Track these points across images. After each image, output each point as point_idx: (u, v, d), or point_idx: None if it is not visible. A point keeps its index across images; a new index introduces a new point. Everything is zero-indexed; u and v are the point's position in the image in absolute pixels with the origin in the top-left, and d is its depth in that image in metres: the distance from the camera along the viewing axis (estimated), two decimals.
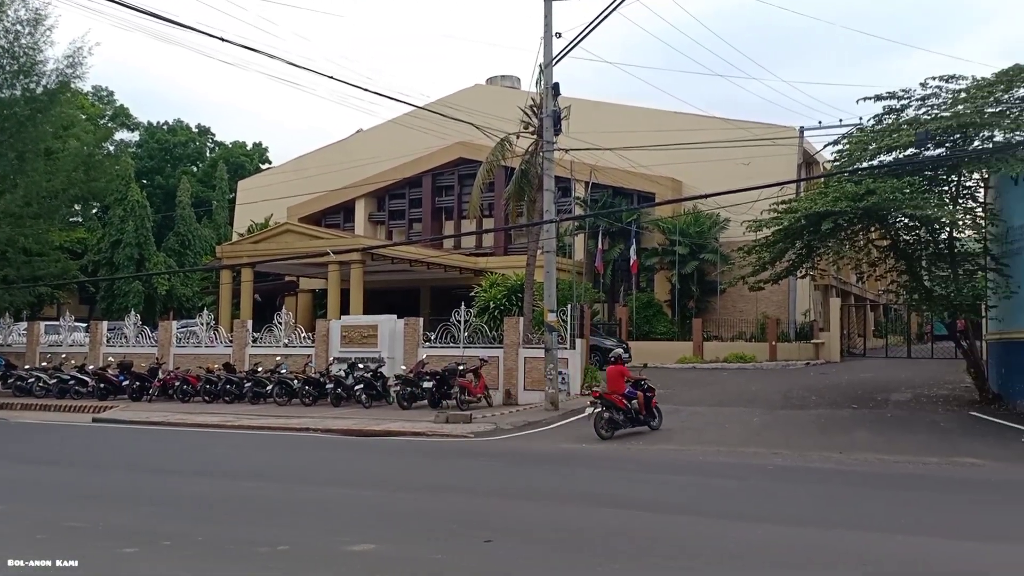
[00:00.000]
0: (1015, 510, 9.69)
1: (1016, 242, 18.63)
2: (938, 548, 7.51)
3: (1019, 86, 18.45)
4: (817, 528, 8.32)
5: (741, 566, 6.91)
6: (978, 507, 9.83)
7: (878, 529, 8.28)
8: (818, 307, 37.67)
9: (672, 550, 7.41)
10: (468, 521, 8.61)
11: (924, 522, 8.79)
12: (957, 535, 8.06)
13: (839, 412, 18.93)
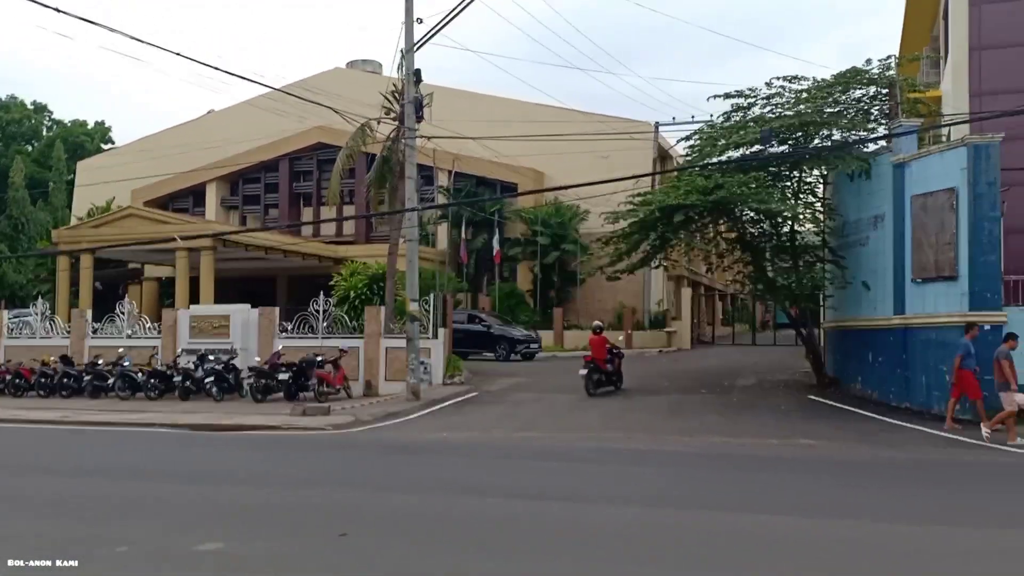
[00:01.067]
0: (845, 487, 10.31)
1: (851, 235, 19.88)
2: (781, 525, 7.88)
3: (855, 88, 19.70)
4: (670, 508, 8.59)
5: (599, 547, 7.02)
6: (813, 485, 10.41)
7: (729, 508, 8.63)
8: (671, 297, 39.10)
9: (533, 535, 7.45)
10: (323, 515, 8.37)
11: (767, 501, 9.22)
12: (797, 512, 8.50)
13: (690, 397, 19.68)
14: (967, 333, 14.98)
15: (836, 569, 6.42)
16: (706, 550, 6.93)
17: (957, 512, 8.63)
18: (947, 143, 17.65)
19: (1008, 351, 14.01)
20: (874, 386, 18.76)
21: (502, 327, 30.54)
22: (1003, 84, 22.15)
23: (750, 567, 6.44)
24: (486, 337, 30.10)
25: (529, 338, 30.55)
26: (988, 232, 15.71)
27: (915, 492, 9.88)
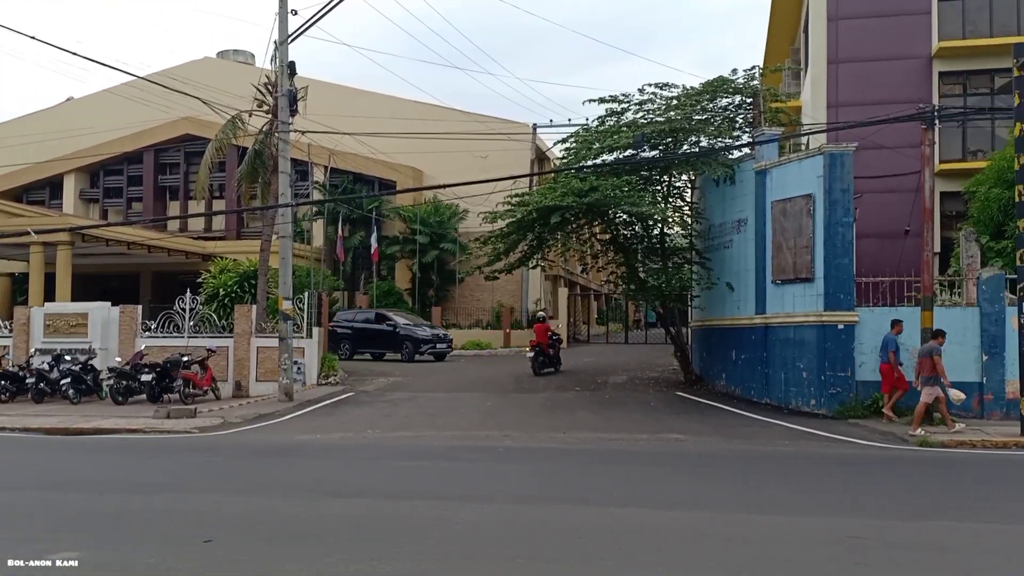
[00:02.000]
0: (705, 480, 10.74)
1: (717, 238, 20.70)
2: (641, 517, 8.12)
3: (722, 97, 20.51)
4: (541, 504, 8.70)
5: (466, 545, 7.05)
6: (677, 478, 10.79)
7: (594, 503, 8.83)
8: (548, 296, 39.69)
9: (399, 535, 7.40)
10: (187, 521, 8.06)
11: (635, 494, 9.49)
12: (662, 505, 8.79)
13: (564, 395, 20.03)
14: (893, 329, 15.65)
15: (688, 558, 6.66)
16: (567, 544, 7.06)
17: (801, 501, 9.10)
18: (805, 151, 18.62)
19: (938, 347, 14.67)
20: (737, 383, 19.60)
21: (409, 326, 29.55)
22: (857, 96, 23.64)
23: (603, 559, 6.60)
24: (391, 337, 29.20)
25: (437, 337, 29.57)
26: (842, 236, 16.66)
27: (765, 483, 10.37)
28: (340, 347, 29.50)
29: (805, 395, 17.03)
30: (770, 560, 6.61)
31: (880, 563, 6.49)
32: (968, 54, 23.23)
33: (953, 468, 11.46)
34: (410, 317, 31.17)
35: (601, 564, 6.51)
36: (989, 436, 13.62)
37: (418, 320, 31.18)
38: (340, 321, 30.28)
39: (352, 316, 30.55)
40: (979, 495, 9.66)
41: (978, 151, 23.75)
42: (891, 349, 15.53)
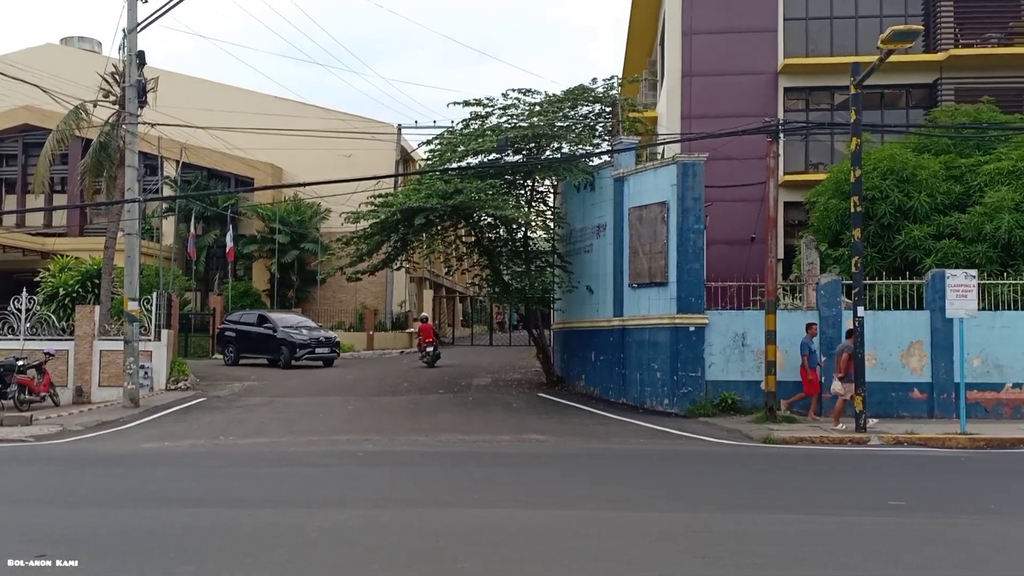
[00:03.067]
0: (568, 479, 10.93)
1: (578, 243, 21.15)
2: (505, 518, 8.17)
3: (583, 105, 20.99)
4: (400, 508, 8.59)
5: (320, 553, 6.88)
6: (540, 478, 10.92)
7: (455, 505, 8.81)
8: (413, 298, 39.44)
9: (250, 544, 7.14)
10: (17, 534, 7.49)
11: (495, 494, 9.53)
12: (522, 504, 8.86)
13: (428, 397, 19.94)
14: (808, 331, 16.14)
15: (544, 554, 6.75)
16: (425, 548, 7.01)
17: (654, 497, 9.41)
18: (660, 161, 19.29)
19: (851, 345, 15.17)
20: (596, 383, 20.08)
21: (289, 330, 27.33)
22: (710, 108, 24.69)
23: (460, 561, 6.60)
24: (269, 340, 27.30)
25: (316, 341, 27.38)
26: (693, 243, 17.36)
27: (621, 481, 10.65)
28: (226, 352, 28.20)
29: (659, 395, 17.63)
30: (622, 555, 6.78)
31: (725, 555, 6.78)
32: (811, 71, 24.70)
33: (794, 463, 12.12)
34: (298, 319, 29.13)
35: (458, 566, 6.50)
36: (827, 432, 14.50)
37: (306, 322, 29.03)
38: (227, 323, 28.91)
39: (239, 318, 28.91)
40: (817, 488, 10.25)
41: (819, 164, 25.27)
42: (804, 352, 16.02)
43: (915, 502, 9.13)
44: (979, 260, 17.06)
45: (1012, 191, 17.28)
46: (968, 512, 8.59)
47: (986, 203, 17.36)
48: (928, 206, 17.92)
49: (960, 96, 23.37)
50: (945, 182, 18.29)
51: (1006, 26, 24.63)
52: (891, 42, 13.74)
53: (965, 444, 13.64)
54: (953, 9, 24.48)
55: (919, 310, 16.70)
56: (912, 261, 17.74)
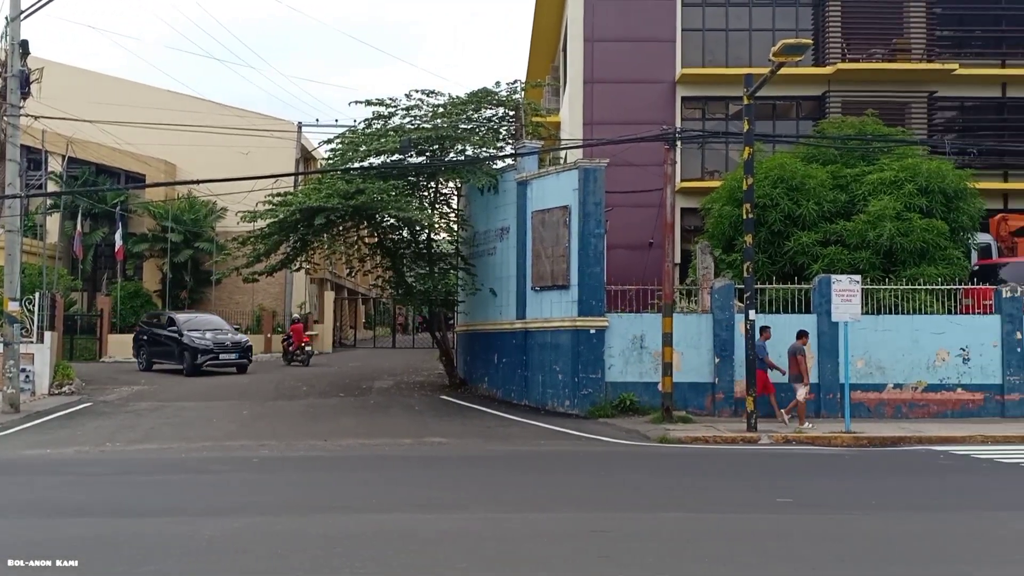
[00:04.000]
0: (468, 481, 10.92)
1: (481, 245, 21.18)
2: (404, 522, 8.09)
3: (486, 108, 21.03)
4: (294, 515, 8.40)
5: (210, 562, 6.66)
6: (440, 481, 10.87)
7: (353, 510, 8.68)
8: (314, 299, 38.74)
9: (138, 553, 6.85)
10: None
11: (395, 499, 9.43)
12: (421, 508, 8.80)
13: (327, 401, 19.61)
14: (761, 335, 16.21)
15: (442, 558, 6.72)
16: (319, 555, 6.87)
17: (552, 498, 9.50)
18: (563, 165, 19.51)
19: (801, 347, 15.81)
20: (499, 385, 20.15)
21: (193, 334, 25.25)
22: (611, 115, 25.12)
23: (356, 568, 6.51)
24: (174, 345, 25.34)
25: (221, 346, 25.09)
26: (594, 247, 17.63)
27: (520, 482, 10.71)
28: (140, 356, 26.84)
29: (560, 396, 17.82)
30: (525, 557, 6.82)
31: (620, 554, 6.89)
32: (707, 81, 25.43)
33: (690, 462, 12.44)
34: (211, 321, 27.03)
35: (354, 572, 6.39)
36: (720, 432, 14.94)
37: (219, 325, 26.87)
38: (142, 325, 27.48)
39: (154, 319, 27.39)
40: (711, 487, 10.55)
41: (715, 171, 26.04)
42: (761, 355, 16.17)
43: (802, 499, 9.50)
44: (863, 266, 17.87)
45: (893, 200, 18.18)
46: (851, 508, 8.98)
47: (869, 212, 18.22)
48: (816, 214, 18.68)
49: (847, 108, 24.47)
50: (832, 191, 19.11)
51: (890, 43, 25.92)
52: (782, 55, 14.28)
53: (849, 442, 14.29)
54: (841, 25, 25.61)
55: (807, 313, 17.40)
56: (801, 266, 18.46)
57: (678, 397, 16.67)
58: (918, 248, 17.86)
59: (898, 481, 11.03)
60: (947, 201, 18.63)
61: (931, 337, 17.11)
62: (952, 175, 18.87)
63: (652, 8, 25.64)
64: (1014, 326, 17.17)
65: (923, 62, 25.26)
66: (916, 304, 17.40)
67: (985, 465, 12.08)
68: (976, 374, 17.17)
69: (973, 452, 13.30)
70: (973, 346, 17.16)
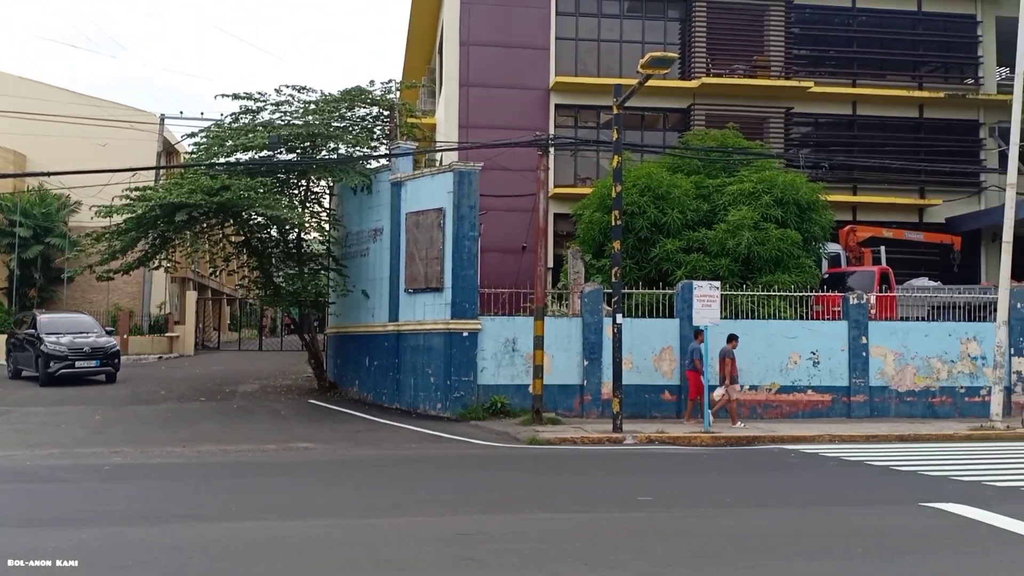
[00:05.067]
0: (335, 486, 10.71)
1: (354, 246, 20.85)
2: (263, 530, 7.84)
3: (360, 106, 20.74)
4: (147, 524, 7.99)
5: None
6: (305, 487, 10.61)
7: (209, 518, 8.33)
8: (174, 300, 37.15)
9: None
10: None
11: (255, 506, 9.13)
12: (283, 516, 8.54)
13: (187, 405, 18.83)
14: (696, 338, 16.66)
15: (303, 565, 6.56)
16: (172, 566, 6.58)
17: (419, 502, 9.45)
18: (438, 167, 19.48)
19: (731, 350, 16.30)
20: (370, 388, 19.88)
21: (53, 337, 22.27)
22: (486, 119, 25.29)
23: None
24: (32, 350, 22.60)
25: (79, 352, 22.20)
26: (468, 249, 17.66)
27: (388, 486, 10.59)
28: (9, 362, 24.37)
29: (432, 399, 17.75)
30: (390, 561, 6.73)
31: (484, 556, 6.91)
32: (579, 90, 25.97)
33: (557, 463, 12.62)
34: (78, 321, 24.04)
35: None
36: (587, 433, 15.23)
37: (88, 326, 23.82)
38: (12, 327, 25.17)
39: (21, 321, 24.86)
40: (576, 486, 10.74)
41: (587, 178, 26.61)
42: (696, 357, 16.46)
43: (662, 497, 9.80)
44: (723, 273, 18.65)
45: (751, 211, 19.06)
46: (707, 505, 9.34)
47: (729, 221, 19.03)
48: (680, 222, 19.36)
49: (710, 121, 25.51)
50: (695, 200, 19.86)
51: (751, 59, 27.22)
52: (649, 67, 14.74)
53: (708, 442, 14.86)
54: (706, 41, 26.71)
55: (670, 318, 18.00)
56: (665, 272, 19.09)
57: (548, 399, 16.90)
58: (773, 256, 18.78)
59: (752, 479, 11.54)
60: (801, 212, 19.68)
61: (784, 341, 18.02)
62: (806, 188, 19.97)
63: (527, 15, 25.98)
64: (860, 331, 18.30)
65: (781, 79, 26.65)
66: (771, 310, 18.30)
67: (832, 463, 12.80)
68: (825, 377, 18.20)
69: (821, 451, 14.08)
70: (823, 350, 18.19)
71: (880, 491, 10.51)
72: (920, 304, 20.48)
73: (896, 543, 7.50)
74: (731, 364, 16.34)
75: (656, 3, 26.99)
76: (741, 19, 26.85)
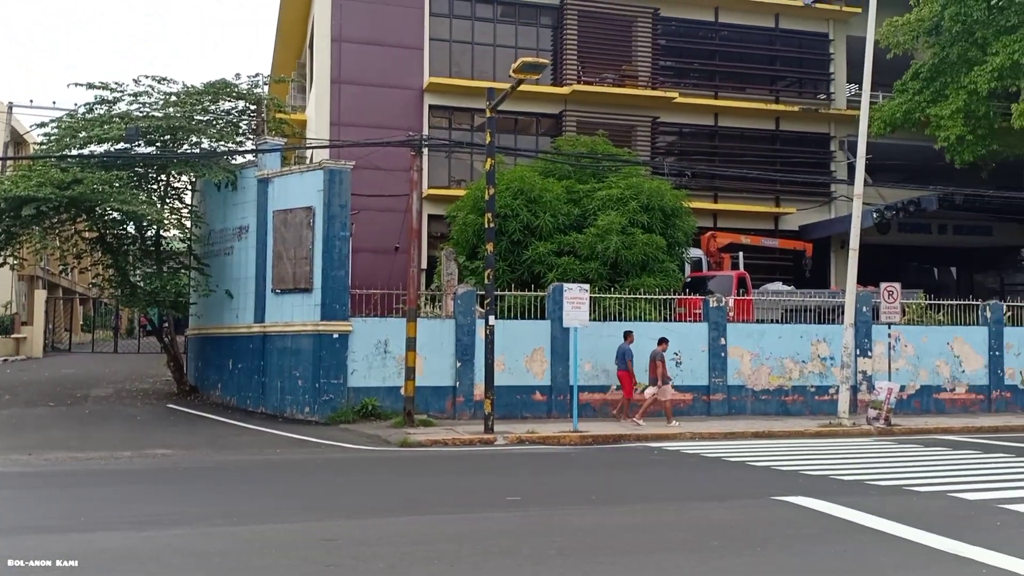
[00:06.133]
0: (196, 494, 10.29)
1: (217, 244, 20.12)
2: (116, 541, 7.45)
3: (225, 100, 20.04)
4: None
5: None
6: (163, 495, 10.14)
7: (56, 530, 7.83)
8: (21, 299, 34.84)
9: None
10: None
11: (107, 516, 8.65)
12: (138, 525, 8.13)
13: (34, 411, 17.70)
14: (626, 339, 17.36)
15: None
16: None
17: (284, 508, 9.21)
18: (308, 165, 19.07)
19: (661, 352, 17.10)
20: (234, 392, 19.23)
21: None
22: (359, 117, 24.95)
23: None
24: None
25: None
26: (339, 249, 17.36)
27: (252, 493, 10.29)
28: None
29: (300, 403, 17.35)
30: (243, 570, 6.52)
31: (349, 561, 6.80)
32: (454, 92, 25.98)
33: (428, 465, 12.56)
34: None
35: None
36: (459, 434, 15.24)
37: None
38: None
39: None
40: (446, 488, 10.72)
41: (461, 180, 26.65)
42: (628, 358, 17.19)
43: (530, 497, 9.92)
44: (592, 276, 19.07)
45: (619, 216, 19.58)
46: (573, 503, 9.51)
47: (598, 225, 19.49)
48: (551, 225, 19.68)
49: (581, 128, 26.04)
50: (566, 204, 20.23)
51: (620, 69, 27.96)
52: (521, 72, 14.92)
53: (576, 441, 15.16)
54: (577, 49, 27.23)
55: (542, 320, 18.26)
56: (537, 275, 19.36)
57: (421, 401, 16.81)
58: (640, 260, 19.36)
59: (617, 476, 11.85)
60: (665, 218, 20.38)
61: (650, 343, 18.53)
62: (670, 195, 20.69)
63: (401, 14, 25.81)
64: (719, 333, 19.11)
65: (648, 89, 27.51)
66: (637, 312, 18.86)
67: (692, 460, 13.30)
68: (687, 376, 18.90)
69: (683, 448, 14.61)
70: (685, 351, 18.88)
71: (736, 486, 11.00)
72: (775, 307, 21.55)
73: (748, 535, 7.86)
74: (662, 366, 17.13)
75: (529, 9, 27.33)
76: (610, 29, 27.52)
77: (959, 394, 20.72)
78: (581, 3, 27.05)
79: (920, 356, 20.41)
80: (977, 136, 24.90)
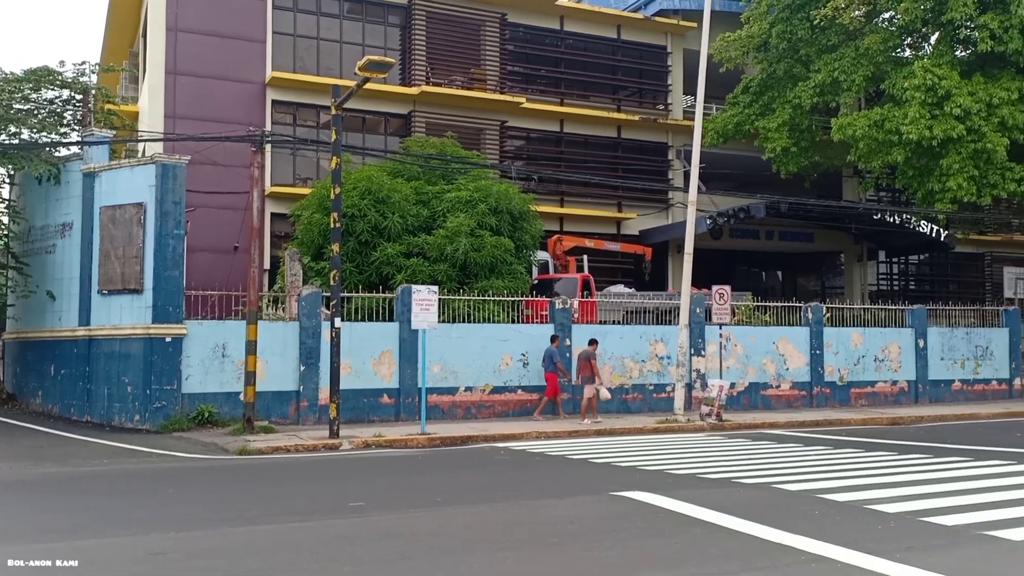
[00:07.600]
0: (7, 509, 9.53)
1: (38, 242, 18.75)
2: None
3: (47, 88, 18.71)
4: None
5: None
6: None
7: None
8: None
9: None
10: None
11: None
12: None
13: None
14: (552, 342, 18.46)
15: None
16: None
17: (110, 522, 8.69)
18: (139, 159, 18.08)
19: (592, 352, 18.02)
20: (56, 400, 18.00)
21: None
22: (196, 110, 23.88)
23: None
24: None
25: None
26: (173, 248, 16.54)
27: (73, 507, 9.63)
28: None
29: (130, 410, 16.41)
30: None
31: (177, 574, 6.47)
32: (298, 87, 25.28)
33: (268, 473, 12.15)
34: None
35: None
36: (302, 440, 14.83)
37: None
38: None
39: None
40: (287, 496, 10.40)
41: (307, 178, 25.95)
42: (556, 359, 18.31)
43: (374, 501, 9.78)
44: (441, 278, 19.05)
45: (468, 218, 19.66)
46: (418, 506, 9.45)
47: (448, 227, 19.49)
48: (400, 226, 19.51)
49: (430, 129, 25.98)
50: (415, 206, 20.11)
51: (469, 72, 28.09)
52: (367, 70, 14.72)
53: (424, 443, 15.09)
54: (426, 50, 27.15)
55: (390, 322, 18.08)
56: (386, 276, 19.14)
57: (262, 407, 16.26)
58: (489, 262, 19.52)
59: (463, 477, 11.89)
60: (513, 221, 20.64)
61: (497, 343, 18.78)
62: (518, 198, 20.97)
63: (242, 5, 24.91)
64: (564, 334, 19.53)
65: (496, 93, 27.78)
66: (486, 313, 19.00)
67: (537, 459, 13.52)
68: (534, 377, 19.20)
69: (529, 447, 14.83)
70: (532, 352, 19.18)
71: (577, 482, 11.27)
72: (617, 309, 22.26)
73: (587, 530, 8.07)
74: (593, 365, 17.89)
75: (376, 8, 27.00)
76: (459, 32, 27.62)
77: (784, 390, 22.09)
78: (429, 4, 26.99)
79: (749, 355, 21.62)
80: (800, 148, 26.69)
